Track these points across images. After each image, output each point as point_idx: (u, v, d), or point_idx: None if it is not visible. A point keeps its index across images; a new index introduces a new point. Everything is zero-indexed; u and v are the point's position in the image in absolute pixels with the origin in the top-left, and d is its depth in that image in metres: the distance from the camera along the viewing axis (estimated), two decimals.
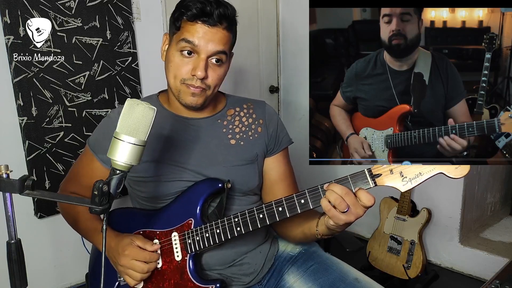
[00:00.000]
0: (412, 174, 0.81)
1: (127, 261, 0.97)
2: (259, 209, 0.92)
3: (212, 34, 0.97)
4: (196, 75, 0.97)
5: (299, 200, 0.88)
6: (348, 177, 0.85)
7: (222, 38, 0.98)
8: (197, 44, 0.96)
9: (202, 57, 0.97)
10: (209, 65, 0.99)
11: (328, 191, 0.84)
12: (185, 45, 0.97)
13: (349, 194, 0.82)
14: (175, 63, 1.00)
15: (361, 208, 0.83)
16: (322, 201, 0.84)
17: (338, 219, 0.84)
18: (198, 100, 1.01)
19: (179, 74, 0.99)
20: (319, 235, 0.96)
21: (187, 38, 0.97)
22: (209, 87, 1.01)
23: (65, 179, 1.21)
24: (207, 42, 0.96)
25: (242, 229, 0.94)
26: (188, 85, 1.00)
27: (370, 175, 0.83)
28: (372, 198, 0.82)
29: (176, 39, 0.99)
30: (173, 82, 1.01)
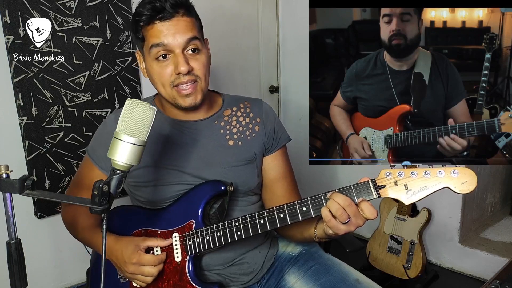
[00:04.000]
0: (417, 187, 0.80)
1: (136, 268, 0.97)
2: (260, 215, 0.92)
3: (174, 26, 0.94)
4: (180, 71, 0.95)
5: (301, 208, 0.87)
6: (351, 186, 0.84)
7: (186, 25, 0.96)
8: (166, 43, 0.94)
9: (177, 52, 0.95)
10: (188, 58, 0.97)
11: (330, 200, 0.82)
12: (157, 50, 0.95)
13: (352, 205, 0.81)
14: (157, 72, 0.98)
15: (362, 219, 0.82)
16: (323, 210, 0.83)
17: (337, 229, 0.83)
18: (196, 97, 1.00)
19: (165, 79, 0.98)
20: (317, 238, 0.96)
21: (154, 43, 0.95)
22: (199, 77, 0.99)
23: (69, 188, 1.22)
24: (173, 36, 0.94)
25: (243, 233, 0.94)
26: (178, 87, 0.98)
27: (374, 186, 0.82)
28: (375, 212, 0.81)
29: (146, 51, 0.98)
30: (164, 90, 1.00)
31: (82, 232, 1.12)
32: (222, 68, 2.43)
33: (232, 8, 2.47)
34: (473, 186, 0.77)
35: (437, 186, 0.79)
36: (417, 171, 0.80)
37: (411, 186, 0.80)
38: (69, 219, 1.17)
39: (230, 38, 2.48)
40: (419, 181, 0.80)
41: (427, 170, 0.79)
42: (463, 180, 0.77)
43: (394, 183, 0.81)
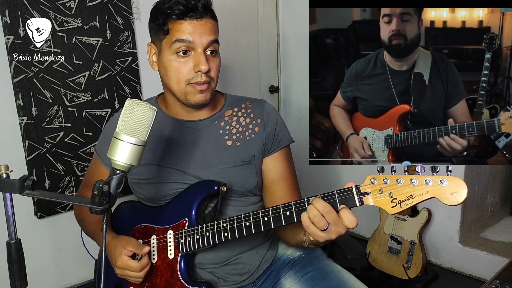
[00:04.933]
0: (403, 196, 0.74)
1: (121, 271, 1.00)
2: (246, 217, 0.91)
3: (202, 27, 0.98)
4: (200, 70, 0.98)
5: (284, 212, 0.86)
6: (335, 192, 0.80)
7: (211, 28, 1.00)
8: (192, 40, 0.97)
9: (200, 51, 0.98)
10: (208, 58, 1.00)
11: (309, 206, 0.80)
12: (180, 46, 0.98)
13: (331, 212, 0.78)
14: (175, 67, 1.00)
15: (342, 227, 0.79)
16: (303, 215, 0.81)
17: (317, 236, 0.80)
18: (206, 95, 1.02)
19: (182, 76, 0.99)
20: (306, 244, 0.94)
21: (180, 38, 0.97)
22: (212, 79, 1.02)
23: (81, 185, 1.27)
24: (200, 35, 0.97)
25: (229, 235, 0.94)
26: (194, 84, 1.00)
27: (358, 192, 0.78)
28: (354, 220, 0.77)
29: (167, 44, 1.00)
30: (177, 86, 1.01)
31: (89, 226, 1.17)
32: (222, 68, 2.41)
33: (232, 8, 2.47)
34: (463, 197, 0.70)
35: (423, 196, 0.73)
36: (403, 178, 0.75)
37: (396, 194, 0.75)
38: (78, 214, 1.23)
39: (230, 37, 2.48)
40: (405, 189, 0.74)
41: (413, 178, 0.74)
42: (452, 190, 0.71)
43: (379, 191, 0.76)
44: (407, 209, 0.74)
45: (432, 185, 0.72)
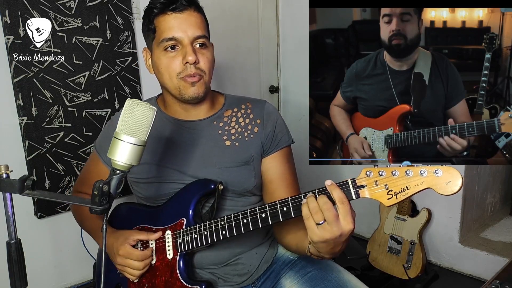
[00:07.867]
0: (398, 187, 0.74)
1: (122, 260, 1.01)
2: (244, 214, 0.91)
3: (186, 20, 0.99)
4: (188, 61, 0.98)
5: (281, 208, 0.85)
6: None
7: (196, 21, 1.00)
8: (177, 36, 0.98)
9: (186, 43, 0.99)
10: (196, 50, 1.00)
11: (309, 197, 0.80)
12: (167, 44, 0.99)
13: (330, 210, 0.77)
14: (164, 64, 1.01)
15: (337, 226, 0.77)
16: (303, 207, 0.80)
17: (312, 232, 0.79)
18: (199, 88, 1.01)
19: (172, 70, 1.00)
20: (309, 253, 0.92)
21: (166, 37, 0.98)
22: (204, 72, 1.01)
23: (77, 181, 1.27)
24: (184, 29, 0.98)
25: (227, 232, 0.93)
26: (185, 77, 1.00)
27: (354, 186, 0.78)
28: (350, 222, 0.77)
29: (156, 43, 1.01)
30: (170, 82, 1.02)
31: (86, 221, 1.18)
32: (222, 68, 2.44)
33: (232, 8, 2.47)
34: (457, 186, 0.71)
35: (418, 187, 0.73)
36: (399, 170, 0.75)
37: (392, 186, 0.75)
38: (75, 209, 1.24)
39: (230, 38, 2.48)
40: (400, 181, 0.74)
41: (408, 169, 0.74)
42: (447, 180, 0.71)
43: (375, 183, 0.76)
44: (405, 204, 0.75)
45: (427, 175, 0.73)
